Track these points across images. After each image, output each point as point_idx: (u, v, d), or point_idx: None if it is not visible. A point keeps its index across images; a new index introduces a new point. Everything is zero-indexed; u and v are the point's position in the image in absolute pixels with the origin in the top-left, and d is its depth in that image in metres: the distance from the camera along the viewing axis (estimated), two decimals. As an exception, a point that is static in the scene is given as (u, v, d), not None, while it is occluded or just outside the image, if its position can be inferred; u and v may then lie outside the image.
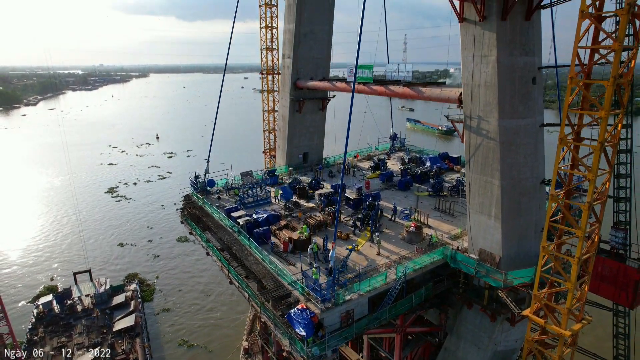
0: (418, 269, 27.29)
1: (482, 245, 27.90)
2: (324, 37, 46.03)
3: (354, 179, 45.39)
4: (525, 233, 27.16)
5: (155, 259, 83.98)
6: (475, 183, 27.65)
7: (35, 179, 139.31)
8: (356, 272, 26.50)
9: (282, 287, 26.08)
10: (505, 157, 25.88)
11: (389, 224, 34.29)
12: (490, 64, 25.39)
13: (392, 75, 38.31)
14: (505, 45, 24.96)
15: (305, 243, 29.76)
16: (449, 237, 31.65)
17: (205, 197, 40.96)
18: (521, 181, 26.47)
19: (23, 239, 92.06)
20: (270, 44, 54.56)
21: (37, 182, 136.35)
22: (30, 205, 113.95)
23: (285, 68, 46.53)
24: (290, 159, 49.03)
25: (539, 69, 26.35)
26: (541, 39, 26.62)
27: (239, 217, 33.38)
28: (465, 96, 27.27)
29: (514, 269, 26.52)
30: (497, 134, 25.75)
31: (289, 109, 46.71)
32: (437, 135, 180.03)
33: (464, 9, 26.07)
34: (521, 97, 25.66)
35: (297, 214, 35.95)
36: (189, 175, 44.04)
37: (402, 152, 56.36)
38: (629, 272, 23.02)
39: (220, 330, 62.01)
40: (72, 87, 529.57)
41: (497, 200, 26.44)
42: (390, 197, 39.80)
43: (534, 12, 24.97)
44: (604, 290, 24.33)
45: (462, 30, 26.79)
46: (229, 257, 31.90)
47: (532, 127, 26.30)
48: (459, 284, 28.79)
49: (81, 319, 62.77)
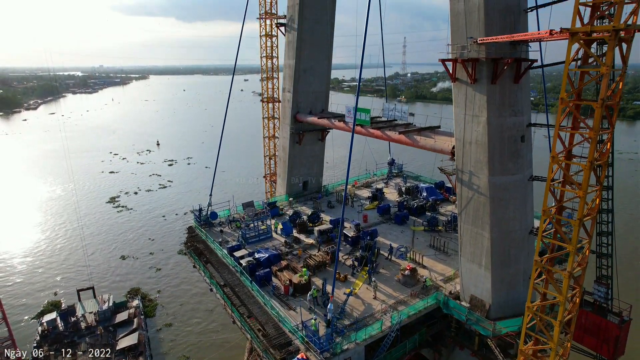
0: (412, 314, 28.67)
1: (474, 292, 29.30)
2: (323, 72, 47.43)
3: (353, 209, 46.76)
4: (514, 281, 28.57)
5: (157, 272, 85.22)
6: (466, 233, 29.04)
7: (36, 188, 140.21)
8: (353, 320, 27.88)
9: (284, 335, 27.45)
10: (495, 211, 27.29)
11: (385, 263, 35.68)
12: (481, 124, 26.79)
13: (388, 115, 39.84)
14: (495, 107, 26.36)
15: (305, 287, 31.14)
16: (443, 279, 33.04)
17: (208, 230, 42.29)
18: (510, 233, 27.88)
19: (25, 252, 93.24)
20: (271, 73, 55.93)
21: (38, 191, 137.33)
22: (31, 215, 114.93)
23: (286, 101, 47.93)
24: (290, 188, 50.41)
25: (528, 126, 27.76)
26: (529, 99, 28.04)
27: (242, 257, 34.74)
28: (458, 151, 28.66)
29: (504, 316, 27.96)
30: (487, 190, 27.15)
31: (289, 141, 48.10)
32: None
33: (456, 70, 27.46)
34: (510, 155, 27.06)
35: (297, 252, 37.32)
36: (192, 208, 45.31)
37: (399, 177, 57.77)
38: (610, 327, 24.45)
39: (220, 348, 63.22)
40: (73, 90, 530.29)
41: (487, 252, 27.84)
42: (387, 232, 41.21)
43: (523, 76, 26.37)
44: (587, 341, 25.75)
45: (455, 89, 28.19)
46: (231, 294, 33.28)
47: (521, 182, 27.70)
48: (451, 327, 30.19)
49: (85, 336, 63.95)
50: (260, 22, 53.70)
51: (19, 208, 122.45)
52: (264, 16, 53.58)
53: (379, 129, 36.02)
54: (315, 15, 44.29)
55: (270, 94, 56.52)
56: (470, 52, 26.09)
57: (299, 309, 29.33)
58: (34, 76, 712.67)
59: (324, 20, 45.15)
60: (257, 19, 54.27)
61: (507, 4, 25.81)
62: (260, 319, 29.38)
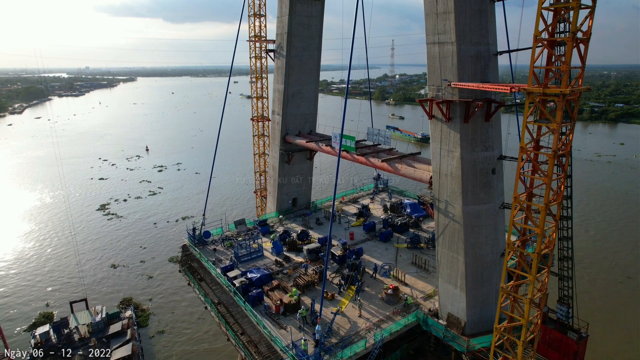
0: (394, 332, 31.10)
1: (450, 310, 31.86)
2: (311, 95, 49.74)
3: (340, 226, 49.13)
4: (487, 301, 31.19)
5: (149, 281, 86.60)
6: (443, 257, 31.60)
7: (25, 196, 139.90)
8: (340, 338, 30.21)
9: (275, 353, 29.63)
10: (468, 237, 29.87)
11: (370, 281, 38.09)
12: (455, 159, 29.36)
13: (373, 138, 42.29)
14: (467, 143, 28.94)
15: (295, 306, 33.38)
16: (423, 297, 35.57)
17: (202, 249, 44.24)
18: (483, 257, 30.50)
19: (15, 262, 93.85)
20: (261, 92, 58.04)
21: (27, 199, 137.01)
22: (19, 223, 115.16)
23: (275, 123, 50.11)
24: (280, 205, 52.57)
25: (499, 159, 30.40)
26: (501, 134, 30.70)
27: (235, 277, 36.83)
28: (435, 181, 31.22)
29: (478, 332, 30.53)
30: (461, 218, 29.73)
31: (279, 161, 50.28)
32: (412, 142, 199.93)
33: (432, 109, 29.99)
34: (482, 185, 29.68)
35: (287, 271, 39.52)
36: (186, 227, 47.16)
37: (385, 192, 60.33)
38: (570, 343, 27.18)
39: (213, 357, 65.04)
40: (59, 93, 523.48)
41: (461, 274, 30.42)
42: (372, 250, 43.68)
43: (493, 115, 28.99)
44: (550, 355, 28.45)
45: (431, 125, 30.73)
46: (225, 312, 35.34)
47: (492, 210, 30.33)
48: (430, 342, 32.72)
49: (78, 348, 65.26)
50: (250, 45, 55.81)
51: (6, 216, 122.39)
52: (254, 39, 55.69)
53: (363, 155, 38.46)
54: (302, 43, 46.59)
55: (260, 113, 58.63)
56: (445, 94, 28.65)
57: (289, 328, 31.55)
58: (18, 78, 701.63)
59: (311, 47, 47.48)
60: (246, 41, 56.36)
61: (478, 51, 28.43)
62: (253, 338, 31.53)
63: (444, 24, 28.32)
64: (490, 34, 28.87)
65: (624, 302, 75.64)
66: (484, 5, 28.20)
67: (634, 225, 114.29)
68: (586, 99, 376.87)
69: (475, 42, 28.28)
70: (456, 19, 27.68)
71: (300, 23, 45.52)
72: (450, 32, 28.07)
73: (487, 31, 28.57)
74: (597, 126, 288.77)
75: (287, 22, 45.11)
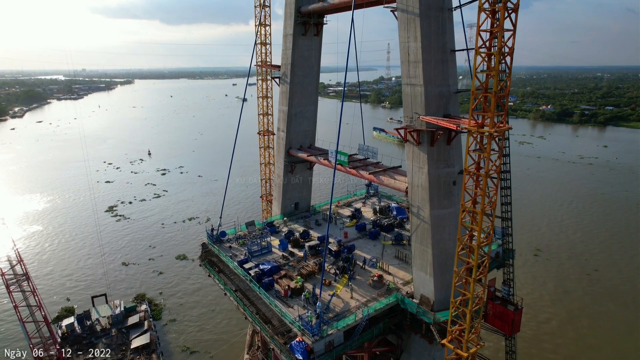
0: (378, 309, 39.67)
1: (422, 292, 40.51)
2: (311, 115, 58.33)
3: (336, 227, 57.74)
4: (450, 284, 39.58)
5: (160, 276, 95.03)
6: (416, 250, 40.27)
7: (34, 200, 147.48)
8: (335, 313, 38.80)
9: (285, 325, 38.17)
10: (435, 235, 38.51)
11: (360, 271, 46.70)
12: (424, 174, 38.01)
13: (363, 153, 50.87)
14: (433, 162, 37.59)
15: (299, 290, 41.98)
16: (403, 282, 44.23)
17: (220, 246, 52.66)
18: (447, 250, 39.12)
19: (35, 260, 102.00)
20: (266, 110, 66.57)
21: (37, 203, 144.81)
22: (35, 226, 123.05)
23: (280, 139, 58.64)
24: (284, 209, 61.10)
25: (459, 174, 39.03)
26: (461, 153, 39.29)
27: (250, 268, 45.35)
28: (409, 191, 39.87)
29: (444, 308, 39.11)
30: (429, 220, 38.36)
31: (283, 171, 58.82)
32: (396, 142, 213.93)
33: (407, 135, 38.59)
34: (445, 194, 38.33)
35: (292, 263, 48.11)
36: (205, 228, 55.51)
37: (375, 197, 69.03)
38: (509, 313, 35.91)
39: (223, 344, 73.49)
40: (57, 96, 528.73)
41: (430, 263, 39.06)
42: (362, 246, 52.34)
43: (453, 140, 37.62)
44: (497, 324, 37.14)
45: (406, 147, 39.37)
46: (242, 297, 43.77)
47: (454, 213, 38.94)
48: (407, 317, 41.37)
49: (101, 338, 73.55)
50: (257, 70, 64.38)
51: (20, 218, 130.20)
52: (261, 64, 64.24)
53: (354, 168, 47.04)
54: (303, 71, 55.14)
55: (265, 128, 67.14)
56: (415, 124, 37.28)
57: (295, 307, 40.11)
58: (15, 81, 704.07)
59: (310, 74, 56.03)
60: (254, 65, 64.86)
61: (441, 91, 37.10)
62: (267, 315, 40.05)
63: (415, 70, 36.98)
64: (450, 77, 37.55)
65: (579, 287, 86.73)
66: (445, 56, 36.89)
67: (608, 223, 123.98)
68: (577, 102, 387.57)
69: (439, 84, 36.96)
70: (423, 67, 36.32)
71: (301, 55, 54.11)
72: (419, 77, 36.72)
73: (447, 75, 37.27)
74: (587, 129, 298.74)
75: (290, 55, 53.68)
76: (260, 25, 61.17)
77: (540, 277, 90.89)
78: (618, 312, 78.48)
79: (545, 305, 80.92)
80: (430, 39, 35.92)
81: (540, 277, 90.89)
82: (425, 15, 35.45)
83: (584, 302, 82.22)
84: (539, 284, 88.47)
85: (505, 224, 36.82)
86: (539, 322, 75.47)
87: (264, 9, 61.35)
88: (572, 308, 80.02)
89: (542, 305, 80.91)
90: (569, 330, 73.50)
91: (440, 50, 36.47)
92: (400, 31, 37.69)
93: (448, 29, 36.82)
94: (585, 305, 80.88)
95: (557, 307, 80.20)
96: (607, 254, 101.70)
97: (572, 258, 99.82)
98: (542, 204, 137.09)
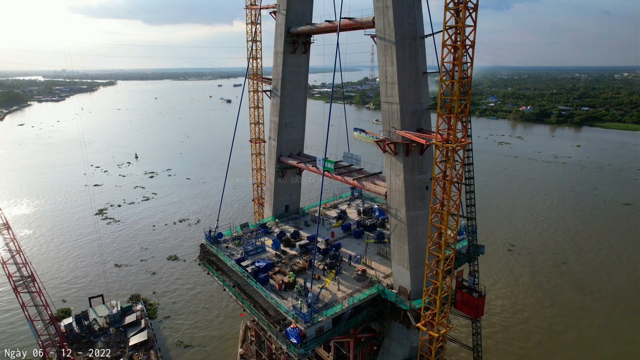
0: (362, 299, 45.14)
1: (400, 283, 46.15)
2: (300, 125, 63.55)
3: (323, 227, 63.05)
4: (424, 276, 45.50)
5: (153, 276, 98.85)
6: (395, 247, 45.88)
7: (23, 204, 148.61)
8: (324, 303, 44.14)
9: (280, 314, 43.32)
10: (410, 233, 44.14)
11: (346, 266, 52.16)
12: (400, 180, 43.60)
13: (348, 160, 56.29)
14: (408, 169, 43.20)
15: (292, 284, 47.20)
16: (384, 276, 49.83)
17: (217, 247, 57.42)
18: (421, 246, 44.74)
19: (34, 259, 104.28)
20: (257, 119, 71.49)
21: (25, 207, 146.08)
22: (25, 230, 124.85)
23: (271, 147, 63.69)
24: (275, 211, 66.16)
25: (431, 179, 44.67)
26: (432, 162, 44.95)
27: (247, 266, 50.34)
28: (388, 195, 45.45)
29: (419, 297, 44.78)
30: (405, 220, 43.97)
31: (274, 176, 63.87)
32: (375, 142, 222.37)
33: (385, 146, 44.08)
34: (419, 198, 43.99)
35: (284, 261, 53.25)
36: (203, 230, 60.15)
37: (359, 199, 74.66)
38: (474, 300, 41.87)
39: (217, 340, 78.05)
40: (38, 98, 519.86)
41: (406, 258, 44.68)
42: (348, 244, 57.82)
43: (425, 150, 43.28)
44: (464, 309, 43.08)
45: (385, 157, 44.91)
46: (240, 292, 48.71)
47: (426, 215, 44.48)
48: (387, 306, 46.97)
49: (100, 336, 77.22)
50: (249, 82, 69.25)
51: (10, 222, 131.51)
52: (252, 77, 69.15)
53: (340, 174, 52.44)
54: (293, 85, 60.31)
55: (257, 136, 72.03)
56: (392, 137, 42.82)
57: (289, 298, 45.30)
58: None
59: (299, 88, 61.23)
60: (246, 78, 69.74)
61: (415, 108, 42.72)
62: (263, 306, 45.13)
63: (392, 90, 42.53)
64: (423, 96, 43.23)
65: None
66: (418, 78, 42.54)
67: (576, 219, 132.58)
68: (555, 102, 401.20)
69: (412, 102, 42.58)
70: (399, 88, 41.87)
71: (291, 71, 59.29)
72: (395, 96, 42.27)
73: (420, 95, 42.94)
74: (563, 129, 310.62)
75: (280, 70, 58.81)
76: (254, 41, 66.17)
77: (515, 271, 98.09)
78: (584, 302, 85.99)
79: (519, 296, 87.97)
80: (404, 63, 41.50)
81: (515, 271, 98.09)
82: (400, 44, 41.00)
83: (553, 293, 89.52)
84: (513, 277, 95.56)
85: (470, 223, 42.75)
86: (512, 313, 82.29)
87: (254, 26, 66.31)
88: (542, 298, 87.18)
89: (517, 296, 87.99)
90: (538, 319, 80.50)
91: (414, 73, 42.09)
92: (379, 55, 43.18)
93: (420, 54, 42.44)
94: (553, 296, 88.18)
95: (529, 299, 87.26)
96: (575, 248, 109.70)
97: (545, 252, 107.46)
98: (517, 202, 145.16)
